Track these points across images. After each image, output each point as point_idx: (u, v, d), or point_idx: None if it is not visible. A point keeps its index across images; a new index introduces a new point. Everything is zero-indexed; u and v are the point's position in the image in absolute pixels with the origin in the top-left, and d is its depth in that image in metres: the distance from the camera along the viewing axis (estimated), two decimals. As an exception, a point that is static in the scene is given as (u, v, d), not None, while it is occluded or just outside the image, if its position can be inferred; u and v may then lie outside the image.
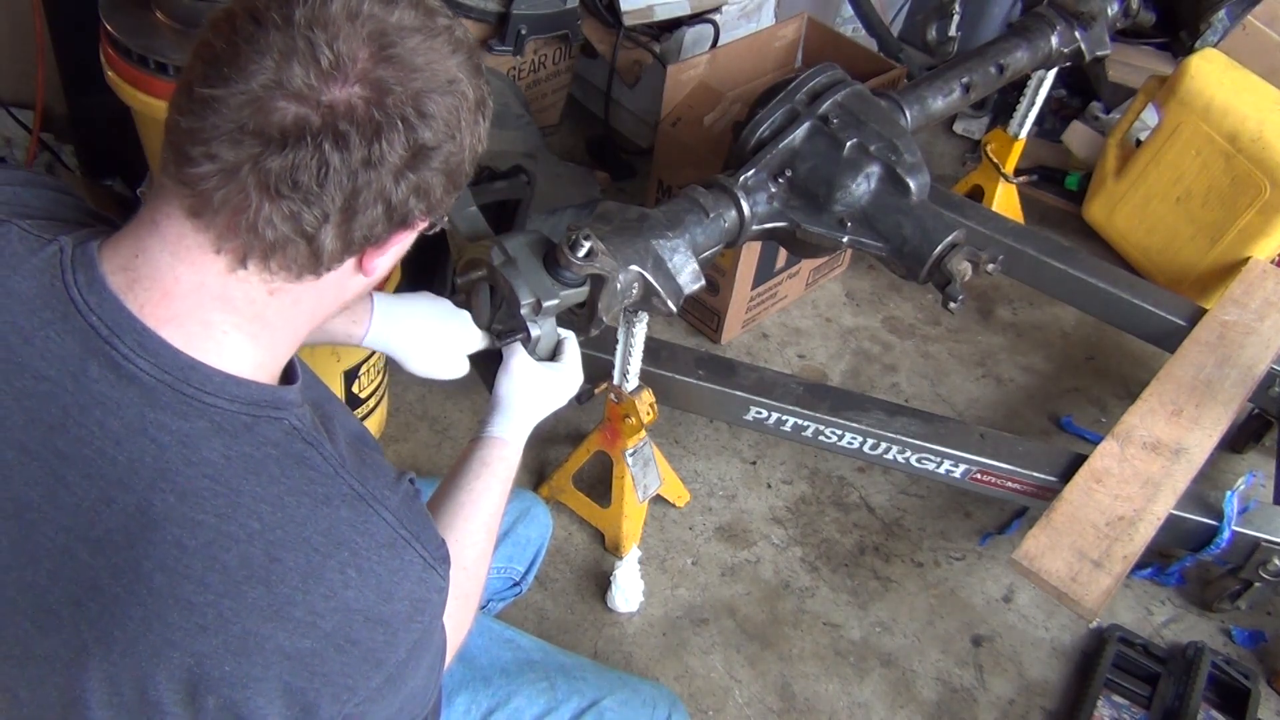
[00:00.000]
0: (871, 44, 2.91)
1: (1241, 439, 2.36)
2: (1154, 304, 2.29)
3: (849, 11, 3.08)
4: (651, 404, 1.81)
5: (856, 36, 2.92)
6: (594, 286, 1.40)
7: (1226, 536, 1.84)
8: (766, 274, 2.39)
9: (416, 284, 1.34)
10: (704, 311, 2.44)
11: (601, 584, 1.95)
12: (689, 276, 1.52)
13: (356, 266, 0.81)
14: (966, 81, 2.08)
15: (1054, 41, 2.23)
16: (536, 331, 1.30)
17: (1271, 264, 2.40)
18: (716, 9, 2.75)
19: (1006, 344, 2.59)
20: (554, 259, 1.35)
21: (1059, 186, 2.97)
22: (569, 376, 1.30)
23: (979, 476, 1.92)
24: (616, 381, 1.79)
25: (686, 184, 1.67)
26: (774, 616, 1.95)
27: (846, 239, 1.71)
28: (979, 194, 2.73)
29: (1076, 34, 2.24)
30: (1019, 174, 2.73)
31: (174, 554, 0.72)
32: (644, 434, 1.88)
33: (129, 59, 1.65)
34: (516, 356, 1.26)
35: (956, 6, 2.27)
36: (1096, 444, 1.90)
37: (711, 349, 2.45)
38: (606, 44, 2.71)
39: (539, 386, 1.26)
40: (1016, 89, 2.55)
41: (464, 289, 1.41)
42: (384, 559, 0.79)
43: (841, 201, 1.71)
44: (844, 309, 2.62)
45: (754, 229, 1.70)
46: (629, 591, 1.91)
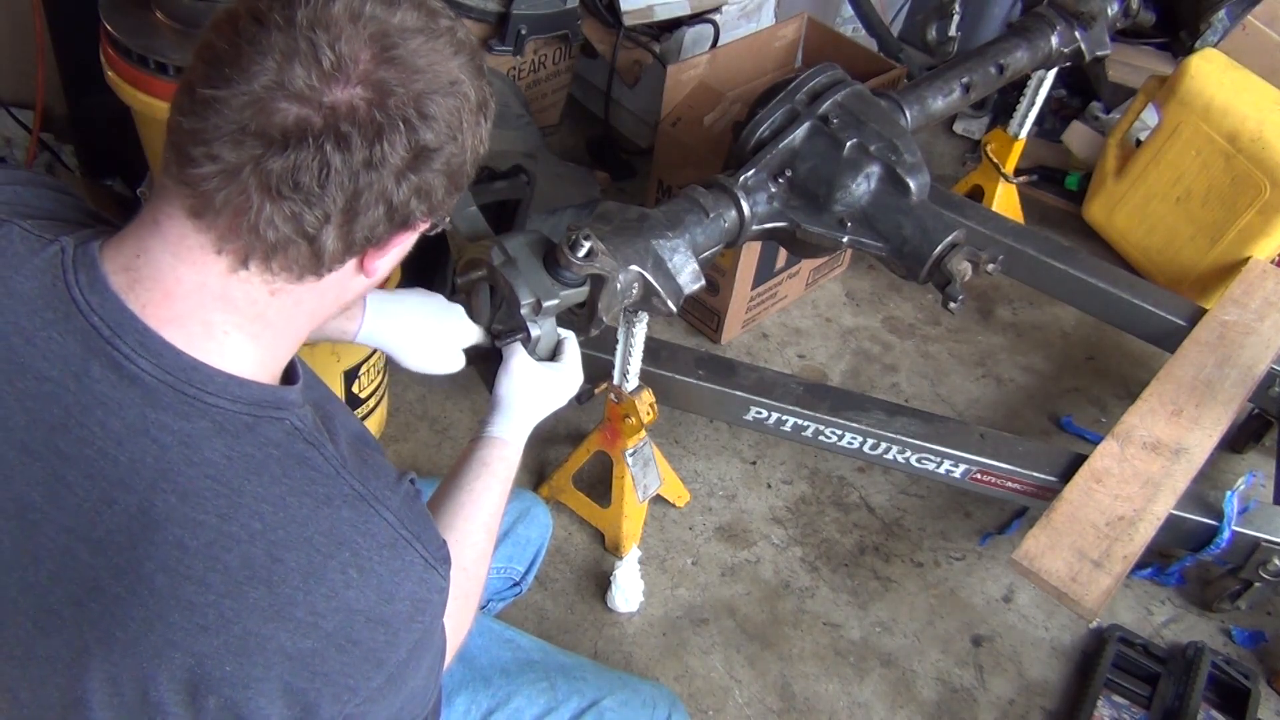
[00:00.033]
0: (871, 44, 2.91)
1: (1241, 439, 2.36)
2: (1154, 304, 2.29)
3: (849, 11, 3.08)
4: (651, 404, 1.81)
5: (856, 36, 2.92)
6: (594, 286, 1.40)
7: (1226, 536, 1.84)
8: (766, 274, 2.39)
9: (416, 284, 1.34)
10: (704, 311, 2.44)
11: (601, 584, 1.95)
12: (689, 276, 1.52)
13: (358, 267, 0.81)
14: (966, 81, 2.08)
15: (1054, 41, 2.23)
16: (536, 331, 1.30)
17: (1271, 264, 2.40)
18: (716, 9, 2.75)
19: (1006, 344, 2.59)
20: (554, 259, 1.35)
21: (1059, 186, 2.97)
22: (569, 376, 1.30)
23: (979, 476, 1.92)
24: (616, 381, 1.79)
25: (686, 184, 1.67)
26: (774, 616, 1.95)
27: (846, 239, 1.71)
28: (979, 194, 2.73)
29: (1076, 34, 2.25)
30: (1019, 174, 2.73)
31: (175, 554, 0.72)
32: (644, 434, 1.88)
33: (129, 59, 1.65)
34: (516, 356, 1.26)
35: (956, 6, 2.27)
36: (1096, 444, 1.90)
37: (711, 349, 2.45)
38: (606, 44, 2.71)
39: (539, 386, 1.26)
40: (1016, 89, 2.55)
41: (464, 289, 1.41)
42: (385, 559, 0.79)
43: (841, 201, 1.71)
44: (844, 309, 2.62)
45: (754, 229, 1.70)
46: (629, 591, 1.91)
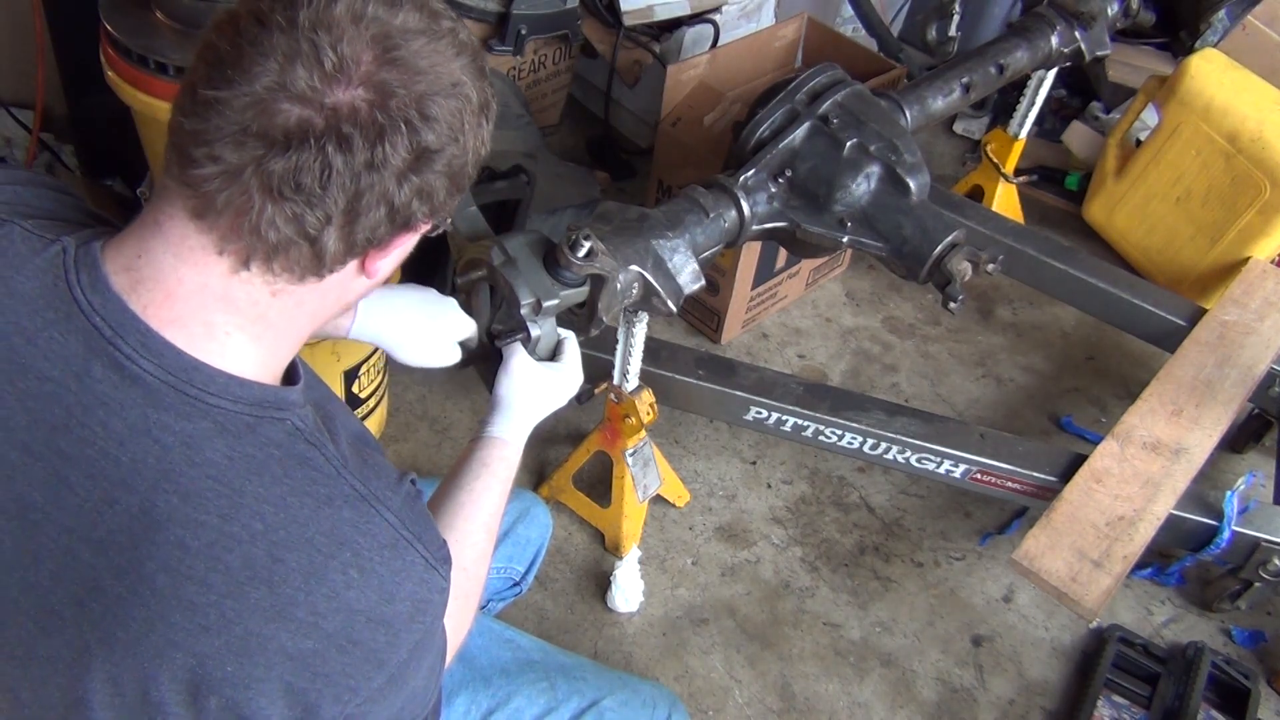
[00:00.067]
0: (871, 44, 2.91)
1: (1241, 439, 2.36)
2: (1154, 304, 2.29)
3: (849, 11, 3.08)
4: (651, 404, 1.82)
5: (856, 36, 2.92)
6: (594, 286, 1.40)
7: (1226, 536, 1.84)
8: (766, 274, 2.39)
9: (414, 283, 1.34)
10: (704, 311, 2.44)
11: (601, 584, 1.95)
12: (689, 276, 1.52)
13: (359, 268, 0.81)
14: (966, 81, 2.08)
15: (1054, 41, 2.23)
16: (536, 331, 1.30)
17: (1271, 264, 2.40)
18: (716, 9, 2.75)
19: (1006, 344, 2.59)
20: (554, 259, 1.35)
21: (1059, 186, 2.98)
22: (569, 376, 1.30)
23: (979, 476, 1.92)
24: (616, 381, 1.79)
25: (686, 184, 1.67)
26: (774, 616, 1.95)
27: (846, 239, 1.71)
28: (979, 194, 2.74)
29: (1076, 34, 2.25)
30: (1019, 174, 2.73)
31: (177, 555, 0.73)
32: (644, 434, 1.88)
33: (129, 59, 1.65)
34: (516, 356, 1.26)
35: (956, 6, 2.27)
36: (1096, 444, 1.90)
37: (711, 349, 2.45)
38: (606, 44, 2.71)
39: (539, 386, 1.26)
40: (1016, 89, 2.55)
41: (464, 289, 1.41)
42: (386, 559, 0.79)
43: (841, 201, 1.71)
44: (844, 309, 2.62)
45: (754, 229, 1.70)
46: (629, 591, 1.91)
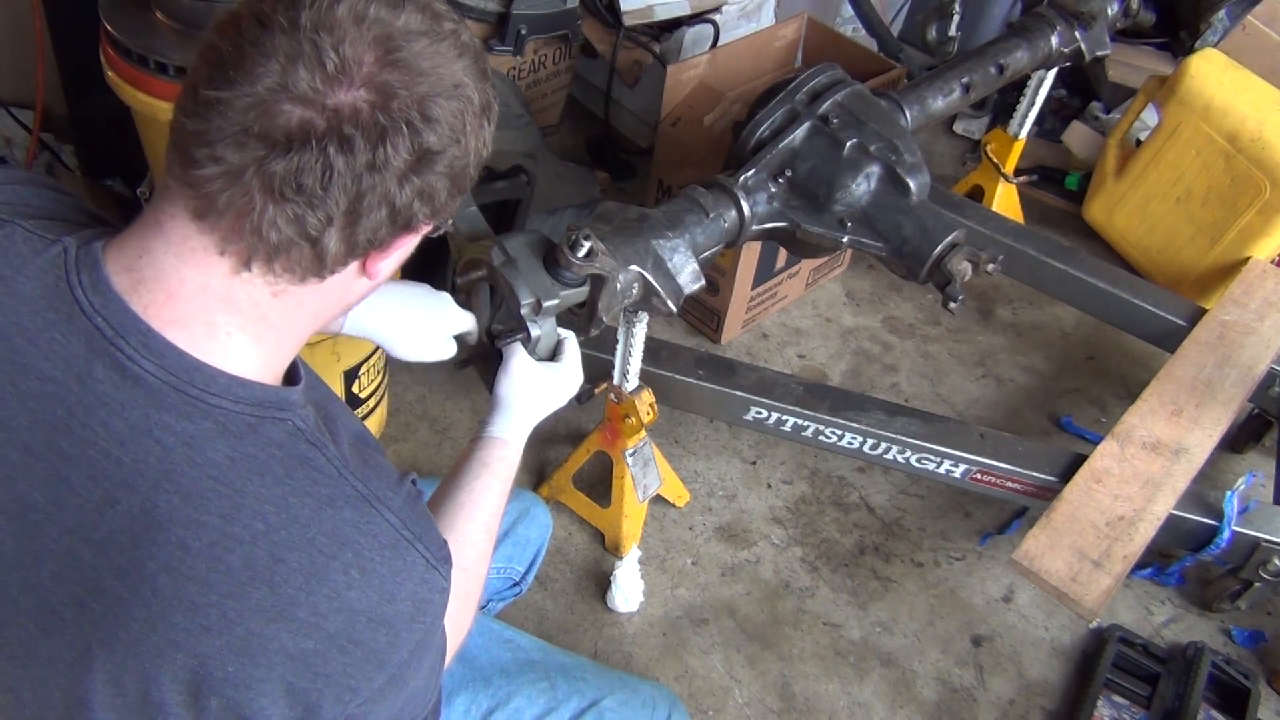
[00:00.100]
0: (871, 44, 2.91)
1: (1241, 439, 2.36)
2: (1154, 304, 2.29)
3: (849, 11, 3.09)
4: (651, 404, 1.82)
5: (856, 36, 2.92)
6: (594, 286, 1.40)
7: (1226, 536, 1.84)
8: (766, 274, 2.39)
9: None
10: (704, 311, 2.44)
11: (601, 584, 1.95)
12: (689, 276, 1.52)
13: (360, 269, 0.81)
14: (966, 81, 2.08)
15: (1054, 41, 2.23)
16: (536, 331, 1.30)
17: (1271, 264, 2.40)
18: (716, 9, 2.76)
19: (1006, 344, 2.59)
20: (554, 259, 1.35)
21: (1059, 186, 2.98)
22: (569, 376, 1.30)
23: (979, 476, 1.92)
24: (616, 381, 1.79)
25: (686, 184, 1.67)
26: (774, 616, 1.96)
27: (846, 239, 1.71)
28: (979, 194, 2.74)
29: (1076, 34, 2.25)
30: (1019, 174, 2.73)
31: (178, 555, 0.73)
32: (644, 434, 1.88)
33: (129, 59, 1.65)
34: (516, 356, 1.26)
35: (956, 6, 2.27)
36: (1096, 444, 1.90)
37: (711, 349, 2.45)
38: (606, 44, 2.71)
39: (539, 386, 1.26)
40: (1016, 89, 2.56)
41: (464, 289, 1.41)
42: (387, 560, 0.79)
43: (841, 201, 1.71)
44: (844, 309, 2.62)
45: (754, 229, 1.70)
46: (629, 591, 1.91)
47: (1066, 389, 2.49)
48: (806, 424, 1.93)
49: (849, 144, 1.70)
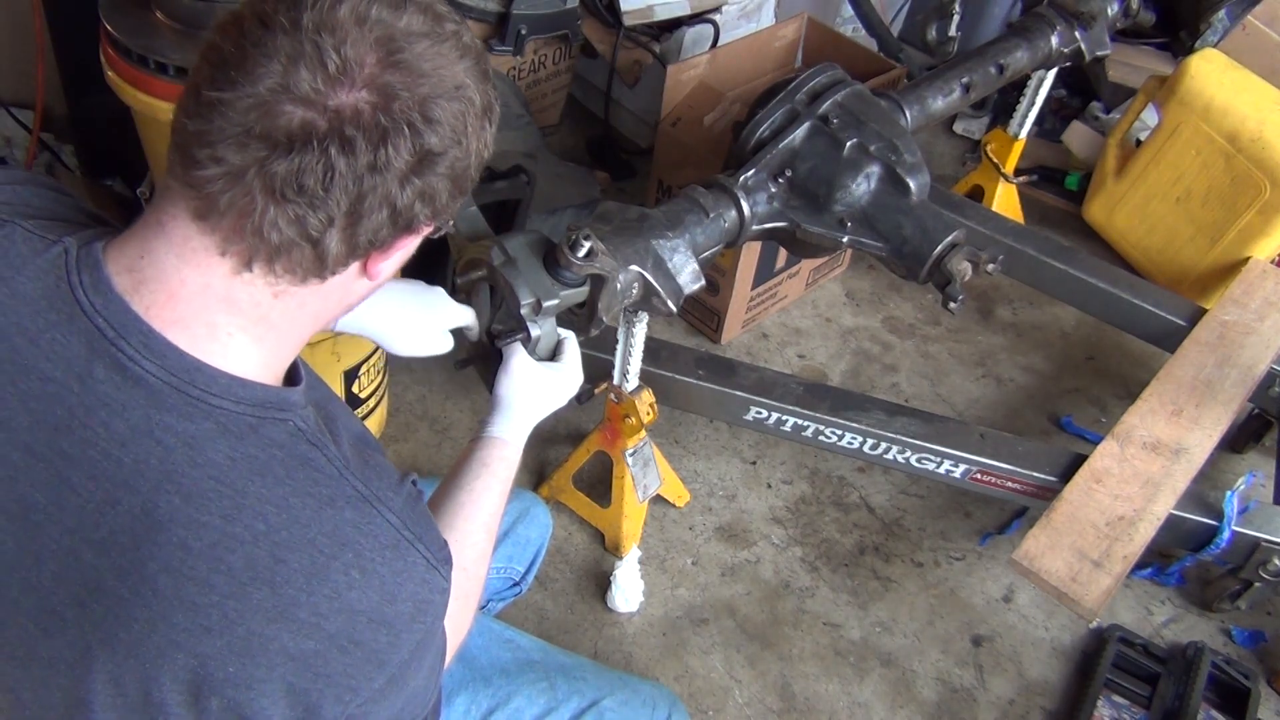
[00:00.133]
0: (871, 44, 2.91)
1: (1241, 439, 2.36)
2: (1154, 304, 2.29)
3: (849, 11, 3.09)
4: (651, 404, 1.82)
5: (856, 36, 2.92)
6: (594, 286, 1.40)
7: (1226, 536, 1.84)
8: (766, 274, 2.39)
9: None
10: (704, 311, 2.44)
11: (601, 584, 1.95)
12: (689, 276, 1.52)
13: (361, 270, 0.81)
14: (966, 81, 2.08)
15: (1054, 41, 2.23)
16: (536, 331, 1.30)
17: (1271, 264, 2.40)
18: (716, 9, 2.76)
19: (1006, 344, 2.59)
20: (554, 259, 1.35)
21: (1059, 186, 2.98)
22: (569, 376, 1.30)
23: (979, 476, 1.92)
24: (616, 381, 1.79)
25: (686, 184, 1.67)
26: (774, 616, 1.96)
27: (846, 239, 1.71)
28: (979, 194, 2.74)
29: (1076, 34, 2.25)
30: (1019, 174, 2.73)
31: (179, 555, 0.73)
32: (644, 434, 1.88)
33: (129, 59, 1.65)
34: (516, 356, 1.26)
35: (956, 6, 2.27)
36: (1096, 444, 1.90)
37: (711, 349, 2.45)
38: (606, 44, 2.71)
39: (539, 386, 1.26)
40: (1016, 89, 2.56)
41: (464, 289, 1.41)
42: (388, 560, 0.79)
43: (841, 201, 1.71)
44: (844, 309, 2.62)
45: (754, 229, 1.70)
46: (629, 591, 1.91)
47: (1066, 389, 2.49)
48: (806, 424, 1.93)
49: (849, 144, 1.70)
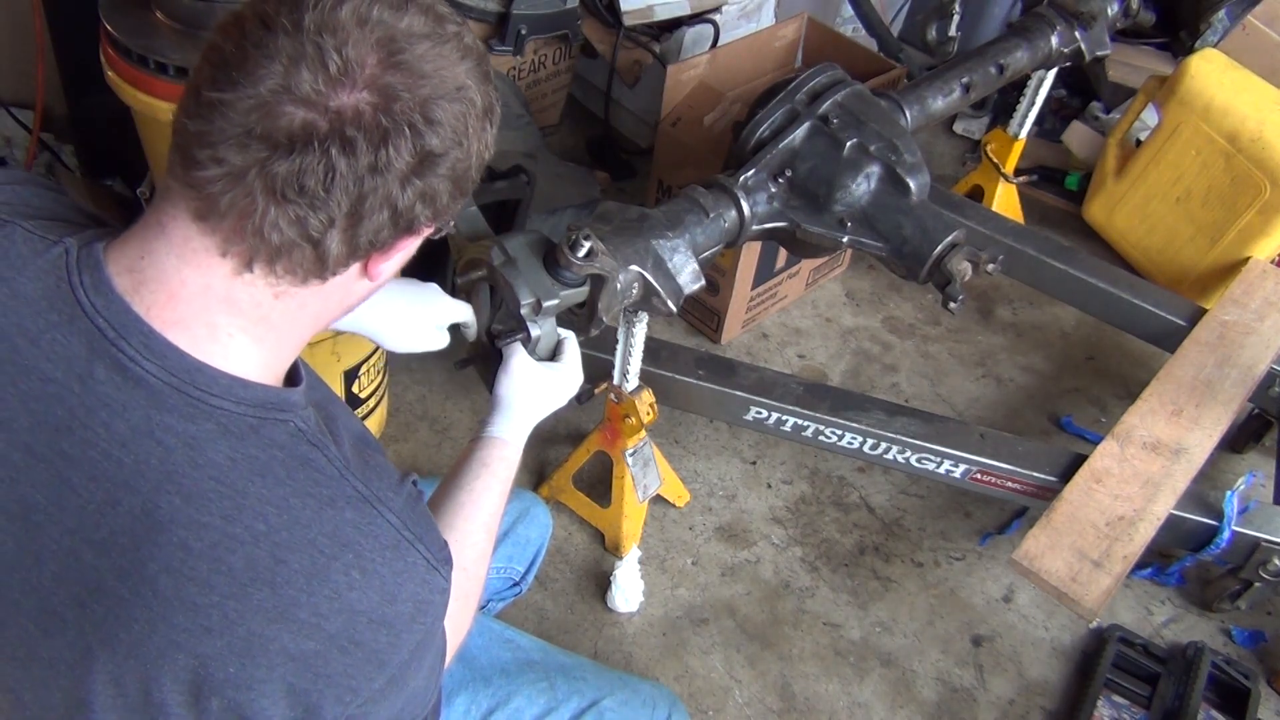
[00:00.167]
0: (871, 44, 2.91)
1: (1241, 439, 2.36)
2: (1154, 304, 2.29)
3: (849, 11, 3.09)
4: (651, 404, 1.82)
5: (856, 36, 2.92)
6: (594, 286, 1.40)
7: (1226, 536, 1.84)
8: (766, 274, 2.39)
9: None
10: (704, 311, 2.44)
11: (601, 584, 1.95)
12: (689, 276, 1.52)
13: (362, 271, 0.81)
14: (966, 81, 2.08)
15: (1054, 41, 2.23)
16: (536, 331, 1.30)
17: (1271, 264, 2.40)
18: (716, 9, 2.76)
19: (1006, 344, 2.59)
20: (554, 259, 1.35)
21: (1059, 186, 2.98)
22: (569, 376, 1.30)
23: (979, 476, 1.92)
24: (616, 381, 1.79)
25: (686, 184, 1.67)
26: (774, 616, 1.96)
27: (846, 239, 1.71)
28: (979, 194, 2.74)
29: (1076, 34, 2.25)
30: (1019, 174, 2.73)
31: (179, 556, 0.73)
32: (644, 434, 1.88)
33: (129, 59, 1.65)
34: (516, 356, 1.26)
35: (956, 6, 2.28)
36: (1096, 444, 1.90)
37: (711, 349, 2.45)
38: (606, 44, 2.71)
39: (539, 386, 1.26)
40: (1016, 89, 2.56)
41: (464, 289, 1.41)
42: (388, 560, 0.79)
43: (841, 201, 1.71)
44: (844, 309, 2.62)
45: (754, 229, 1.70)
46: (629, 591, 1.91)
47: (1066, 389, 2.49)
48: (806, 424, 1.93)
49: (849, 144, 1.70)
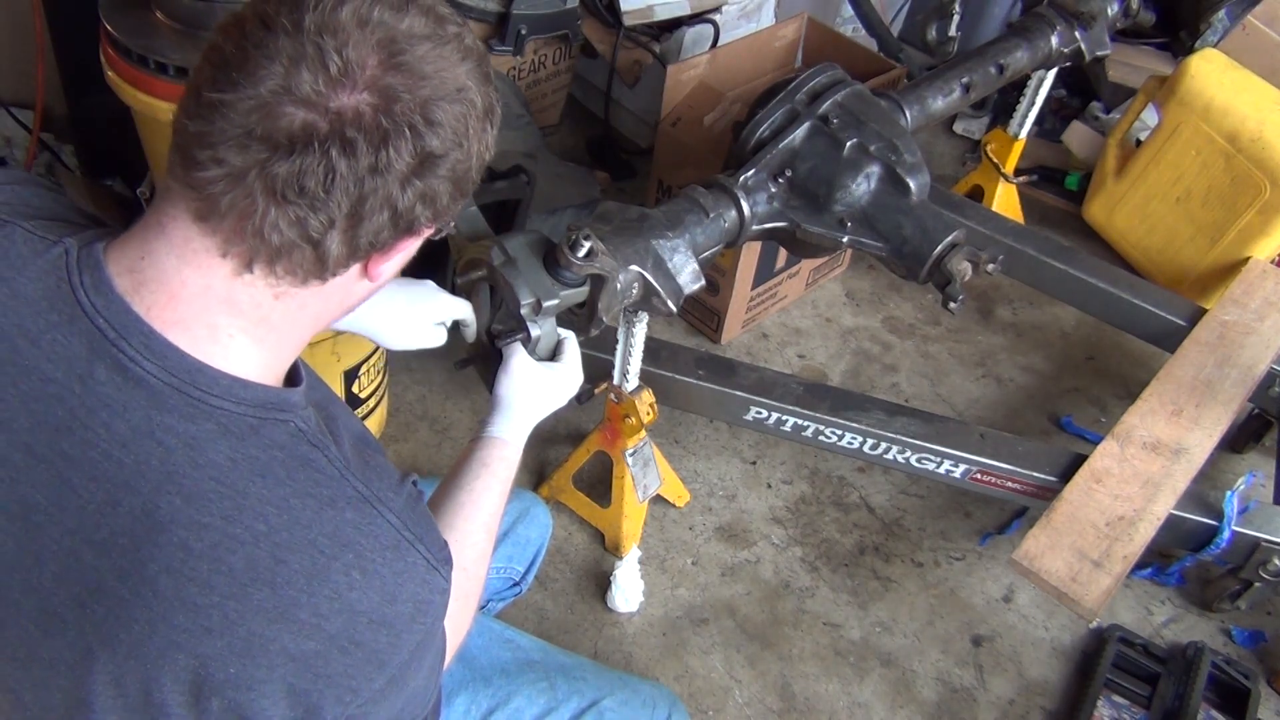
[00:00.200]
0: (871, 44, 2.91)
1: (1241, 439, 2.36)
2: (1154, 304, 2.29)
3: (849, 11, 3.09)
4: (651, 404, 1.82)
5: (856, 36, 2.92)
6: (594, 286, 1.40)
7: (1226, 536, 1.84)
8: (766, 274, 2.39)
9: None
10: (704, 311, 2.44)
11: (601, 584, 1.95)
12: (689, 276, 1.52)
13: (362, 271, 0.81)
14: (966, 81, 2.08)
15: (1054, 41, 2.23)
16: (536, 331, 1.30)
17: (1271, 264, 2.40)
18: (716, 9, 2.76)
19: (1006, 344, 2.59)
20: (554, 259, 1.35)
21: (1059, 186, 2.98)
22: (569, 376, 1.31)
23: (979, 476, 1.92)
24: (616, 381, 1.79)
25: (686, 184, 1.67)
26: (774, 616, 1.96)
27: (846, 239, 1.71)
28: (979, 194, 2.74)
29: (1076, 34, 2.25)
30: (1019, 174, 2.73)
31: (180, 556, 0.73)
32: (644, 434, 1.88)
33: (129, 59, 1.65)
34: (516, 356, 1.26)
35: (956, 6, 2.28)
36: (1096, 444, 1.90)
37: (711, 349, 2.45)
38: (606, 44, 2.71)
39: (539, 386, 1.26)
40: (1016, 89, 2.56)
41: (464, 289, 1.41)
42: (388, 561, 0.79)
43: (841, 201, 1.71)
44: (844, 309, 2.62)
45: (754, 229, 1.70)
46: (629, 591, 1.91)
47: (1066, 389, 2.49)
48: (806, 424, 1.93)
49: (849, 144, 1.70)
